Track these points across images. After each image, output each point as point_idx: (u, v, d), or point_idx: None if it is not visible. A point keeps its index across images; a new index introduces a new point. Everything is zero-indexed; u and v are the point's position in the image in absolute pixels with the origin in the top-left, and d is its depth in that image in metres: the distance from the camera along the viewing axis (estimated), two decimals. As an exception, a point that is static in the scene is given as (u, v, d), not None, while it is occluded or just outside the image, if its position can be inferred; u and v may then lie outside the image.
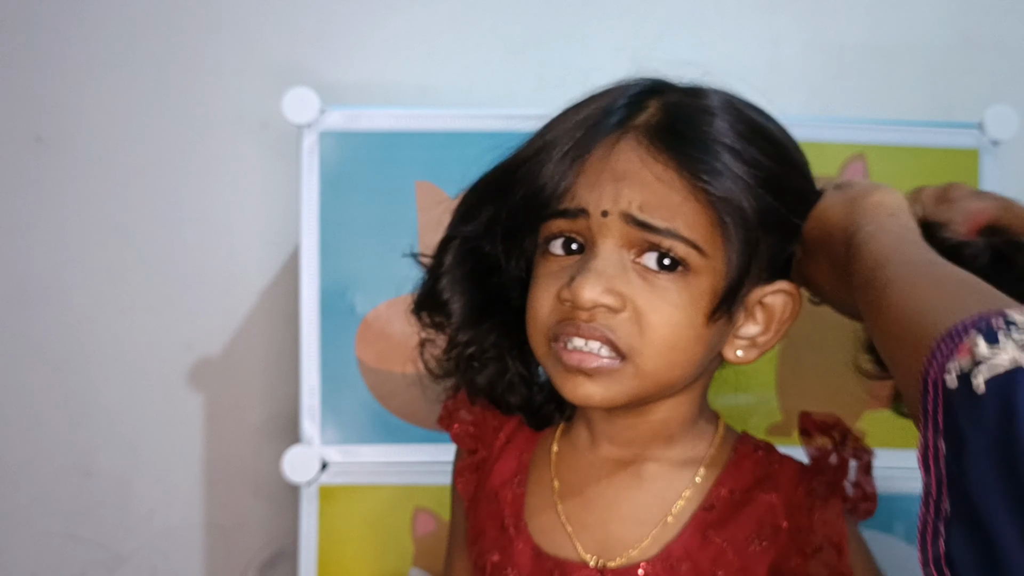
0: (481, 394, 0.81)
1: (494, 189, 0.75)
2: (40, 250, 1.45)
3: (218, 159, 1.44)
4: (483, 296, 0.78)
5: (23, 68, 1.43)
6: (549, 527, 0.77)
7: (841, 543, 0.72)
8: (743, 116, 0.73)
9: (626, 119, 0.71)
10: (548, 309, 0.71)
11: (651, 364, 0.70)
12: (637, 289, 0.69)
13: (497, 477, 0.81)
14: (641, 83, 0.75)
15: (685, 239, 0.69)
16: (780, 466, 0.76)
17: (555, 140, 0.72)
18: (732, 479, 0.75)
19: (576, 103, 0.75)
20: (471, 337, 0.78)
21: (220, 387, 1.46)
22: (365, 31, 1.43)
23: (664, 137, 0.70)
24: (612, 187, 0.69)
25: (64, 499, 1.46)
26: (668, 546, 0.74)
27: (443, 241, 0.79)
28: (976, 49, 1.45)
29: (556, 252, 0.72)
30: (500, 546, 0.78)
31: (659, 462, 0.77)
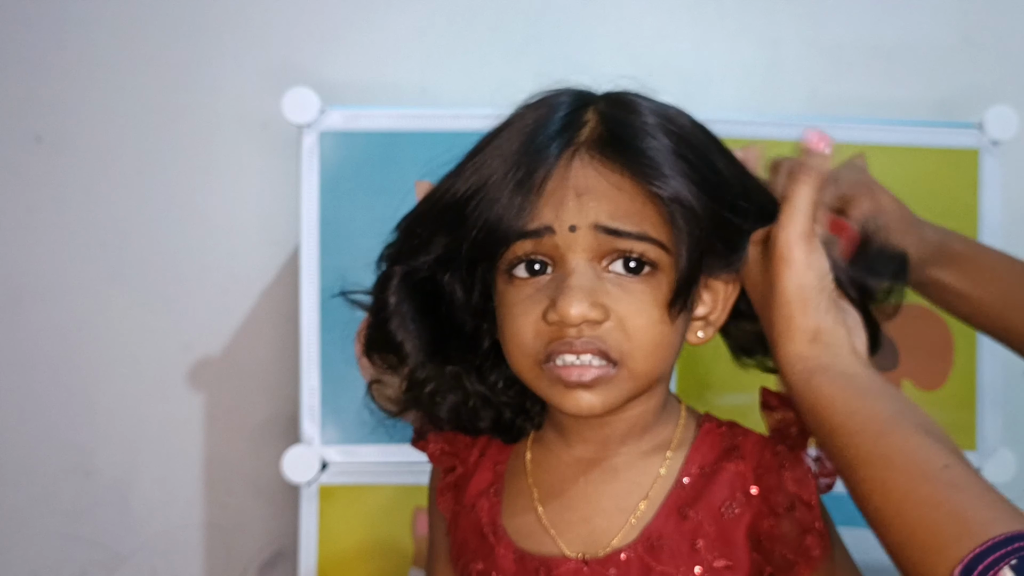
0: (446, 426, 0.82)
1: (444, 221, 0.75)
2: (40, 250, 1.45)
3: (218, 159, 1.44)
4: (435, 330, 0.79)
5: (23, 68, 1.43)
6: (531, 531, 0.78)
7: (811, 499, 0.74)
8: (670, 118, 0.75)
9: (572, 136, 0.73)
10: (533, 333, 0.72)
11: (642, 365, 0.73)
12: (615, 297, 0.71)
13: (474, 489, 0.82)
14: (566, 97, 0.76)
15: (654, 240, 0.71)
16: (744, 437, 0.79)
17: (502, 166, 0.72)
18: (700, 456, 0.78)
19: (504, 124, 0.76)
20: (429, 373, 0.79)
21: (220, 387, 1.46)
22: (365, 31, 1.43)
23: (614, 148, 0.72)
24: (575, 202, 0.71)
25: (64, 499, 1.46)
26: (646, 529, 0.75)
27: (383, 279, 0.79)
28: (976, 49, 1.45)
29: (521, 275, 0.73)
30: (482, 554, 0.79)
31: (630, 454, 0.79)
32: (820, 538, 0.74)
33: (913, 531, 0.62)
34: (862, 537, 1.08)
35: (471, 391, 0.80)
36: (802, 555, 0.74)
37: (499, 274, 0.75)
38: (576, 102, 0.75)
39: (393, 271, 0.79)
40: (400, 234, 0.79)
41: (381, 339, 0.80)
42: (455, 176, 0.75)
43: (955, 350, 1.29)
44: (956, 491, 0.62)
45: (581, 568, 0.75)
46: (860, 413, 0.67)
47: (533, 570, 0.77)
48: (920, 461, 0.64)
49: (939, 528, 0.61)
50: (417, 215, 0.78)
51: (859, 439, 0.66)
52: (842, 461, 0.68)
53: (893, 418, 0.67)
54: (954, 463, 0.64)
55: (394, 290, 0.78)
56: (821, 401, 0.69)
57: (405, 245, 0.78)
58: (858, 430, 0.67)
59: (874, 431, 0.66)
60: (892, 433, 0.66)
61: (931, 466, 0.63)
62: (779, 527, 0.75)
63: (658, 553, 0.75)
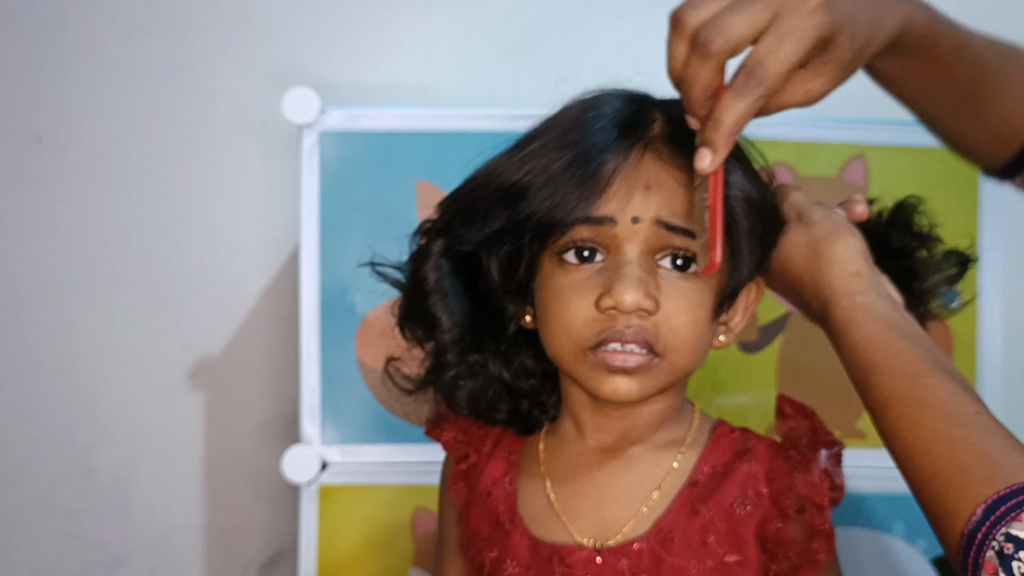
0: (463, 411, 0.83)
1: (506, 198, 0.75)
2: (40, 250, 1.45)
3: (218, 159, 1.44)
4: (471, 307, 0.80)
5: (23, 68, 1.43)
6: (544, 518, 0.80)
7: (822, 502, 0.76)
8: None
9: (643, 132, 0.75)
10: (583, 320, 0.74)
11: (682, 359, 0.75)
12: (665, 292, 0.73)
13: (488, 479, 0.83)
14: (625, 94, 0.78)
15: None
16: (757, 441, 0.80)
17: (568, 151, 0.74)
18: (713, 457, 0.79)
19: (563, 113, 0.77)
20: (454, 358, 0.80)
21: (220, 387, 1.46)
22: (365, 31, 1.43)
23: (683, 145, 0.73)
24: (642, 195, 0.73)
25: (64, 499, 1.46)
26: (659, 521, 0.77)
27: (421, 252, 0.80)
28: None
29: (571, 260, 0.75)
30: (497, 542, 0.80)
31: (644, 445, 0.80)
32: (827, 542, 0.75)
33: (941, 468, 0.63)
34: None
35: (493, 376, 0.81)
36: (807, 558, 0.75)
37: (548, 256, 0.76)
38: (639, 100, 0.77)
39: (433, 245, 0.79)
40: (450, 206, 0.79)
41: (418, 313, 0.80)
42: (513, 158, 0.76)
43: (955, 350, 1.29)
44: (987, 436, 0.63)
45: (594, 557, 0.76)
46: (900, 355, 0.69)
47: (546, 558, 0.77)
48: (955, 404, 0.66)
49: (968, 468, 0.62)
50: (472, 190, 0.78)
51: (898, 379, 0.68)
52: (877, 398, 0.69)
53: (931, 364, 0.68)
54: (985, 412, 0.65)
55: (434, 264, 0.79)
56: (864, 338, 0.70)
57: (458, 217, 0.78)
58: (897, 371, 0.68)
59: (912, 373, 0.68)
60: (930, 376, 0.67)
61: (965, 410, 0.65)
62: (786, 530, 0.76)
63: (670, 546, 0.76)
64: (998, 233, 1.29)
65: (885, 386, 0.68)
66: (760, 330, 1.27)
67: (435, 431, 0.87)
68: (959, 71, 0.81)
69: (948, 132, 0.88)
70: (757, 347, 1.27)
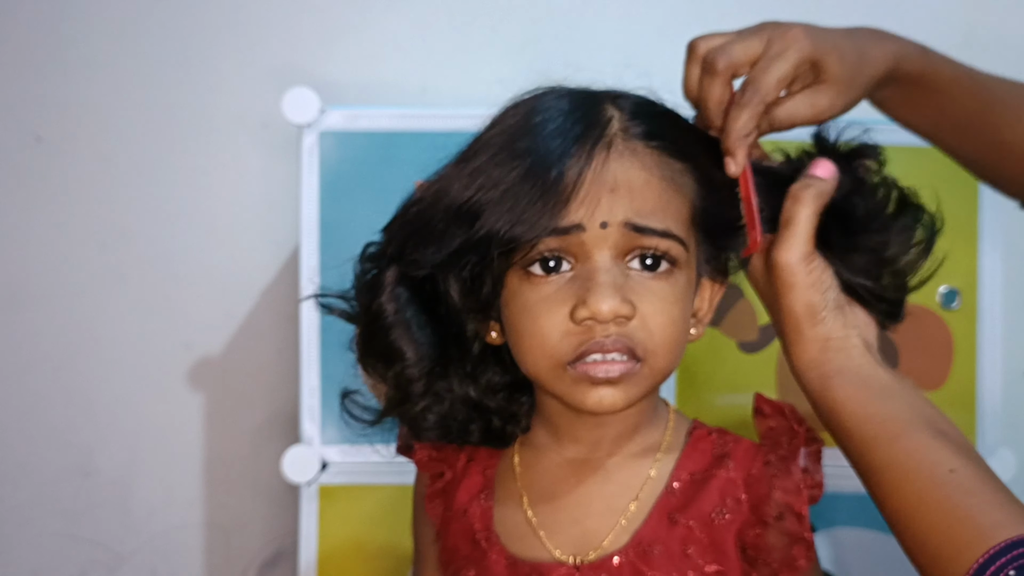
0: (430, 437, 0.80)
1: (460, 218, 0.72)
2: (40, 250, 1.45)
3: (218, 159, 1.44)
4: (435, 334, 0.77)
5: (23, 68, 1.43)
6: (522, 535, 0.78)
7: (801, 509, 0.74)
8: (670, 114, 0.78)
9: (602, 131, 0.72)
10: (559, 333, 0.71)
11: (663, 362, 0.73)
12: (639, 294, 0.71)
13: (464, 495, 0.81)
14: (568, 95, 0.76)
15: (677, 238, 0.72)
16: (735, 445, 0.78)
17: (519, 161, 0.71)
18: (691, 462, 0.78)
19: (502, 122, 0.75)
20: (423, 386, 0.77)
21: (220, 387, 1.46)
22: (365, 31, 1.43)
23: (643, 134, 0.73)
24: (608, 198, 0.70)
25: (64, 499, 1.46)
26: (637, 533, 0.75)
27: (373, 284, 0.77)
28: (976, 49, 1.45)
29: (538, 273, 0.72)
30: (474, 560, 0.78)
31: (621, 454, 0.78)
32: (807, 548, 0.74)
33: (927, 536, 0.64)
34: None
35: (459, 397, 0.78)
36: (787, 564, 0.75)
37: (513, 271, 0.73)
38: (587, 98, 0.75)
39: (385, 275, 0.76)
40: (399, 231, 0.77)
41: (380, 348, 0.77)
42: (461, 173, 0.73)
43: (955, 350, 1.29)
44: (967, 495, 0.64)
45: (573, 574, 0.75)
46: (874, 418, 0.69)
47: (525, 575, 0.76)
48: (931, 465, 0.66)
49: (951, 533, 0.63)
50: (421, 211, 0.75)
51: (873, 444, 0.69)
52: (860, 465, 0.70)
53: (906, 421, 0.69)
54: (962, 466, 0.65)
55: (390, 295, 0.76)
56: (836, 407, 0.71)
57: (410, 240, 0.75)
58: (872, 436, 0.69)
59: (887, 436, 0.68)
60: (904, 437, 0.68)
61: (941, 469, 0.65)
62: (766, 537, 0.75)
63: (649, 558, 0.74)
64: (998, 233, 1.29)
65: (865, 452, 0.69)
66: (760, 330, 1.27)
67: (406, 450, 0.85)
68: (965, 101, 0.86)
69: (973, 165, 0.91)
70: (757, 347, 1.27)
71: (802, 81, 0.78)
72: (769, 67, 0.76)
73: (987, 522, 0.61)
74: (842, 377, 0.71)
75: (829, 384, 0.71)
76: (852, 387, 0.71)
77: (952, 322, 1.27)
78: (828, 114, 0.79)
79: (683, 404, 1.20)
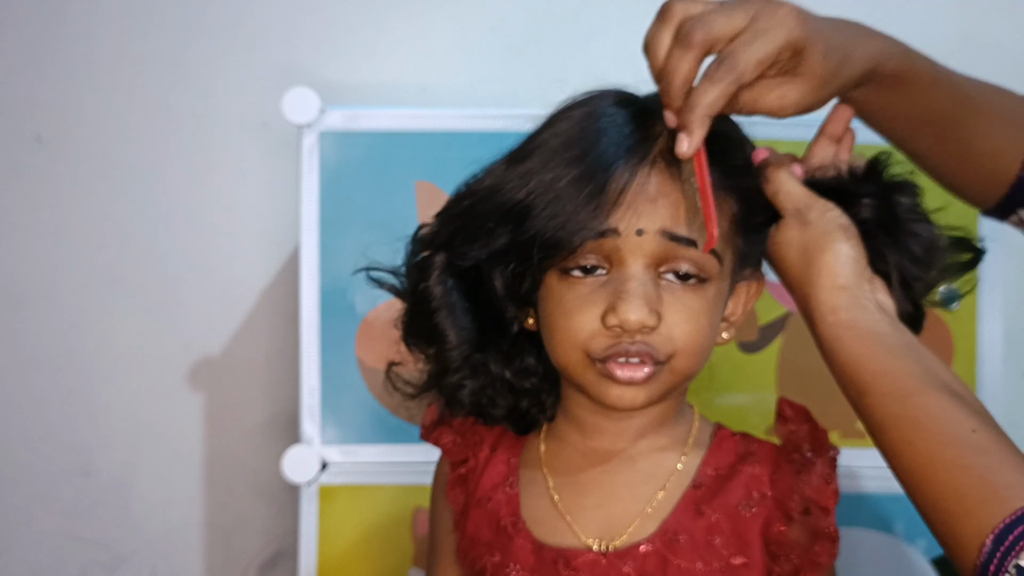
0: (465, 411, 0.83)
1: (508, 217, 0.75)
2: (40, 250, 1.45)
3: (218, 159, 1.44)
4: (477, 321, 0.80)
5: (23, 68, 1.43)
6: (547, 520, 0.79)
7: (828, 504, 0.75)
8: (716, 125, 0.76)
9: (649, 148, 0.74)
10: (589, 332, 0.74)
11: (684, 364, 0.75)
12: (668, 304, 0.74)
13: (487, 483, 0.83)
14: (625, 103, 0.77)
15: (712, 250, 0.74)
16: (759, 445, 0.81)
17: (569, 170, 0.73)
18: (716, 459, 0.80)
19: (557, 125, 0.76)
20: (460, 360, 0.80)
21: (220, 387, 1.46)
22: (365, 31, 1.43)
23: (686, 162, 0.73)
24: (649, 208, 0.73)
25: (64, 499, 1.46)
26: (664, 523, 0.77)
27: (423, 266, 0.79)
28: (976, 49, 1.45)
29: (576, 274, 0.75)
30: (499, 546, 0.79)
31: (646, 446, 0.80)
32: (831, 543, 0.75)
33: (940, 494, 0.63)
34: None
35: (495, 376, 0.81)
36: (809, 560, 0.75)
37: (552, 270, 0.76)
38: (642, 112, 0.76)
39: (435, 259, 0.79)
40: (451, 221, 0.79)
41: (425, 329, 0.80)
42: (513, 173, 0.75)
43: (955, 350, 1.29)
44: (982, 455, 0.63)
45: (599, 560, 0.76)
46: (889, 373, 0.69)
47: (551, 561, 0.77)
48: (948, 423, 0.65)
49: (966, 493, 0.62)
50: (473, 205, 0.77)
51: (888, 400, 0.68)
52: (871, 421, 0.69)
53: (922, 379, 0.68)
54: (981, 426, 0.65)
55: (438, 279, 0.79)
56: (852, 359, 0.70)
57: (460, 234, 0.77)
58: (887, 391, 0.68)
59: (903, 392, 0.67)
60: (920, 394, 0.67)
61: (958, 428, 0.64)
62: (789, 532, 0.76)
63: (676, 547, 0.76)
64: (998, 233, 1.29)
65: (877, 408, 0.68)
66: (760, 330, 1.27)
67: (432, 435, 0.86)
68: (940, 104, 0.82)
69: (939, 171, 0.87)
70: (757, 347, 1.27)
71: (779, 67, 0.72)
72: (752, 44, 0.69)
73: (1002, 482, 0.61)
74: (858, 330, 0.71)
75: (845, 335, 0.71)
76: (868, 341, 0.70)
77: (952, 322, 1.27)
78: (792, 111, 0.74)
79: (683, 404, 1.20)
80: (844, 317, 0.71)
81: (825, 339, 0.72)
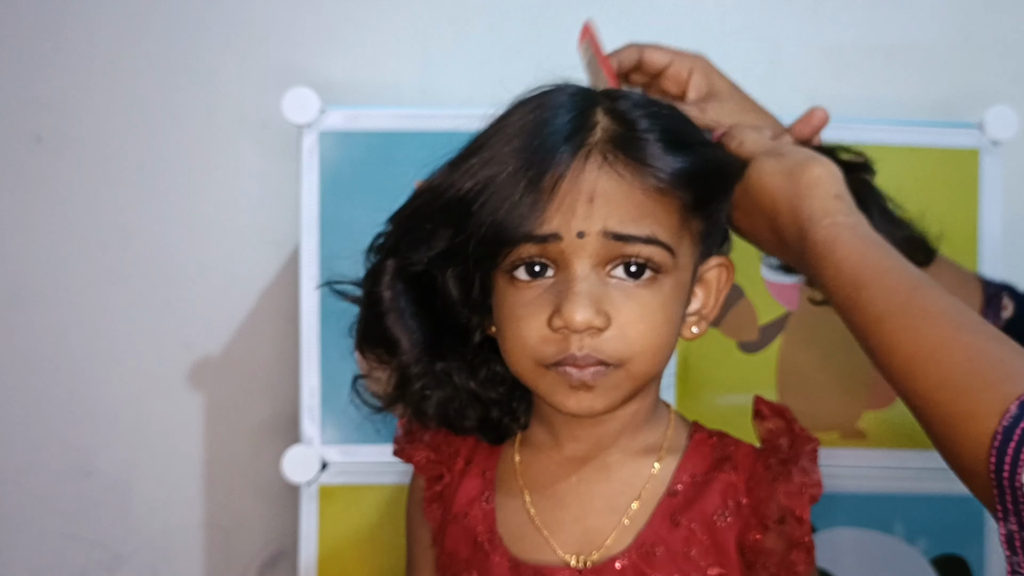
0: (432, 422, 0.81)
1: (448, 217, 0.74)
2: (40, 250, 1.45)
3: (218, 159, 1.44)
4: (431, 325, 0.78)
5: (23, 68, 1.43)
6: (524, 534, 0.78)
7: (803, 514, 0.74)
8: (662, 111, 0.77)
9: (584, 138, 0.72)
10: (538, 337, 0.72)
11: (641, 367, 0.73)
12: (618, 303, 0.72)
13: (463, 498, 0.81)
14: (567, 96, 0.76)
15: (662, 243, 0.72)
16: (736, 448, 0.79)
17: (509, 164, 0.71)
18: (692, 464, 0.78)
19: (503, 120, 0.75)
20: (419, 370, 0.78)
21: (220, 387, 1.46)
22: (365, 31, 1.43)
23: (625, 150, 0.72)
24: (585, 208, 0.71)
25: (64, 499, 1.46)
26: (640, 535, 0.75)
27: (374, 272, 0.79)
28: (976, 49, 1.45)
29: (522, 277, 0.73)
30: (476, 563, 0.78)
31: (622, 453, 0.79)
32: (807, 553, 0.74)
33: (950, 374, 0.61)
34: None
35: (460, 387, 0.79)
36: (786, 569, 0.74)
37: (499, 273, 0.74)
38: (581, 102, 0.75)
39: (386, 264, 0.78)
40: (397, 226, 0.78)
41: (376, 335, 0.79)
42: (456, 171, 0.74)
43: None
44: (997, 342, 0.62)
45: None
46: (893, 270, 0.68)
47: None
48: (958, 312, 0.64)
49: (982, 371, 0.60)
50: (417, 208, 0.77)
51: (891, 292, 0.67)
52: (870, 314, 0.67)
53: (923, 278, 0.67)
54: (986, 322, 0.64)
55: (388, 284, 0.78)
56: (852, 255, 0.69)
57: (404, 238, 0.77)
58: (891, 284, 0.67)
59: (908, 285, 0.67)
60: (926, 287, 0.66)
61: (969, 318, 0.63)
62: (766, 541, 0.74)
63: (652, 560, 0.74)
64: (997, 233, 1.29)
65: (879, 299, 0.67)
66: (760, 330, 1.27)
67: (404, 451, 0.85)
68: None
69: None
70: (757, 347, 1.27)
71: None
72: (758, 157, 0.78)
73: (1020, 364, 0.59)
74: (857, 232, 0.71)
75: (844, 234, 0.70)
76: (868, 241, 0.70)
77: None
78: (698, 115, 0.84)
79: (683, 404, 1.20)
80: (842, 220, 0.71)
81: (821, 241, 0.71)
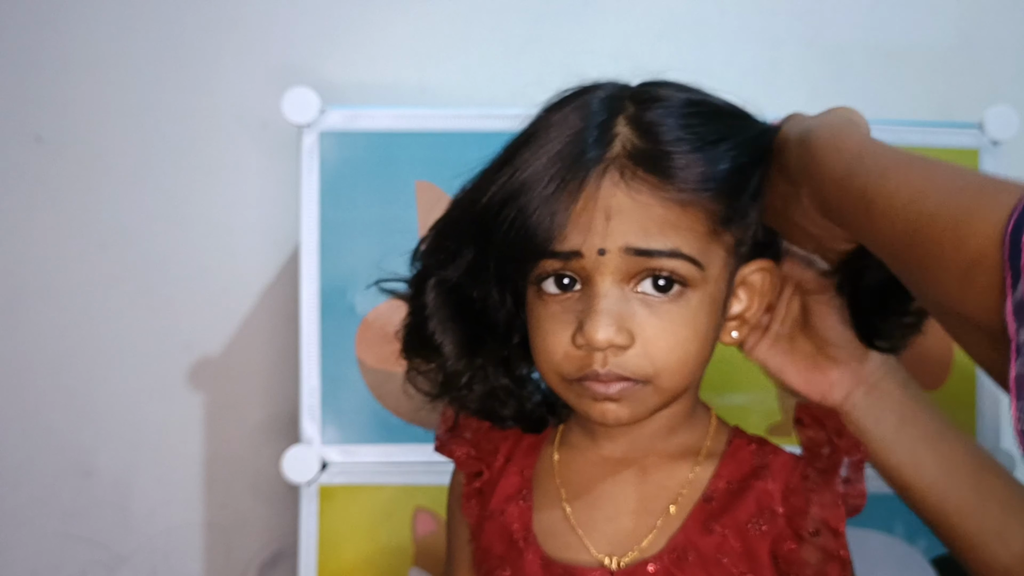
0: (475, 414, 0.83)
1: (472, 233, 0.74)
2: (40, 250, 1.45)
3: (218, 159, 1.44)
4: (471, 330, 0.79)
5: (23, 68, 1.43)
6: (559, 533, 0.78)
7: (838, 526, 0.73)
8: (701, 110, 0.74)
9: (602, 153, 0.70)
10: (562, 353, 0.72)
11: (669, 382, 0.72)
12: (643, 320, 0.71)
13: (501, 495, 0.82)
14: (596, 102, 0.73)
15: (687, 257, 0.70)
16: (775, 456, 0.78)
17: (533, 178, 0.70)
18: (729, 471, 0.77)
19: (534, 127, 0.74)
20: (463, 368, 0.79)
21: (220, 387, 1.46)
22: (365, 31, 1.43)
23: (645, 162, 0.70)
24: (604, 225, 0.69)
25: (64, 499, 1.46)
26: (672, 540, 0.75)
27: (418, 280, 0.79)
28: (976, 49, 1.45)
29: (551, 291, 0.73)
30: (510, 561, 0.79)
31: (659, 454, 0.78)
32: (843, 567, 0.74)
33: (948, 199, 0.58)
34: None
35: (499, 384, 0.81)
36: None
37: (529, 285, 0.75)
38: (606, 109, 0.73)
39: (434, 272, 0.78)
40: (433, 238, 0.78)
41: (420, 340, 0.80)
42: (488, 181, 0.73)
43: (955, 350, 1.29)
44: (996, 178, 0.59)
45: None
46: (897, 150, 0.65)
47: None
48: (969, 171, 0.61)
49: (993, 183, 0.58)
50: (448, 222, 0.77)
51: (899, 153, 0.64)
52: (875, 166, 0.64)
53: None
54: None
55: (431, 292, 0.78)
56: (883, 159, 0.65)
57: (436, 255, 0.77)
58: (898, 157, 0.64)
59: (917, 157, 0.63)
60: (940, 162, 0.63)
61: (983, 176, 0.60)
62: (800, 552, 0.74)
63: (684, 564, 0.74)
64: (998, 233, 1.29)
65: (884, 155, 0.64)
66: (760, 330, 1.26)
67: (446, 447, 0.86)
68: None
69: None
70: (757, 347, 1.27)
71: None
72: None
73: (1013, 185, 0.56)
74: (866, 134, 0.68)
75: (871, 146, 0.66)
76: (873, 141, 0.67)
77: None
78: None
79: (683, 404, 1.20)
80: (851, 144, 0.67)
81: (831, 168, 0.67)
